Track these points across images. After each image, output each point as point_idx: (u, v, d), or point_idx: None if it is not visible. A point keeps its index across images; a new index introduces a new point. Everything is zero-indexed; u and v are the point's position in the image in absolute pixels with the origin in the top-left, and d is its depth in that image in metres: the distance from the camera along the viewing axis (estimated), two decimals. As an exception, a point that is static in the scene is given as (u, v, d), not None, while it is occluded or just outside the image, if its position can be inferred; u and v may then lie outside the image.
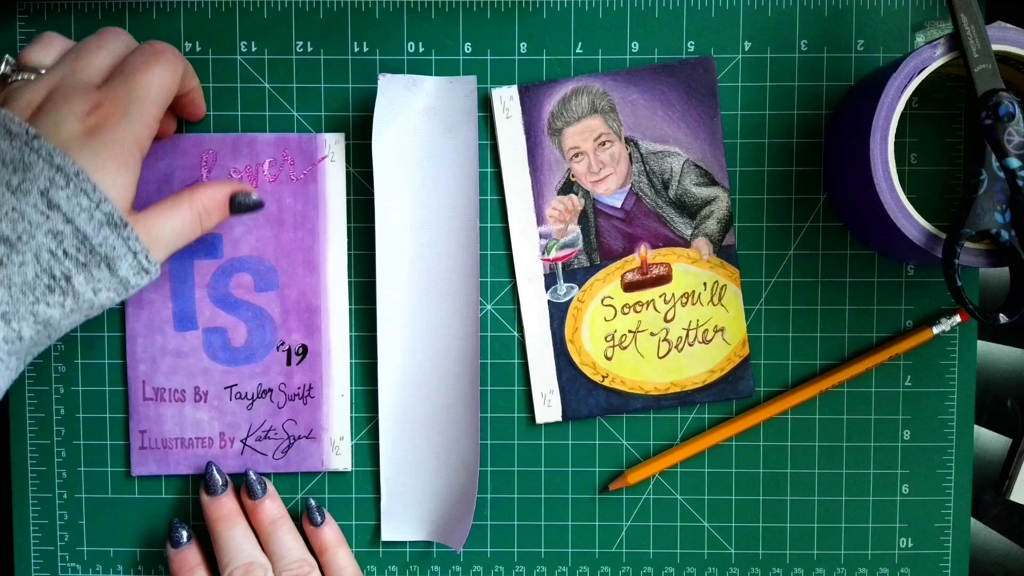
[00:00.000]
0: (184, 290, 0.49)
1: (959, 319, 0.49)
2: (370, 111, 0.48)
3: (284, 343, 0.49)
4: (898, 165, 0.43)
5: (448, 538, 0.50)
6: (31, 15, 0.49)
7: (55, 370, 0.50)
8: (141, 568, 0.51)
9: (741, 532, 0.51)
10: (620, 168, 0.49)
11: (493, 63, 0.49)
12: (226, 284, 0.49)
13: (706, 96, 0.49)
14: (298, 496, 0.50)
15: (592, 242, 0.50)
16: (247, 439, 0.50)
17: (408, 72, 0.49)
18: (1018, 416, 0.51)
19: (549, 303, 0.50)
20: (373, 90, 0.48)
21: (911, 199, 0.43)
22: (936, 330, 0.49)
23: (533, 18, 0.49)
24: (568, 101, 0.49)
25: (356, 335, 0.50)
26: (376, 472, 0.50)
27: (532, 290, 0.50)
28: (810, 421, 0.50)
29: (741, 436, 0.50)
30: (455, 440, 0.50)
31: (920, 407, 0.50)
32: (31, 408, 0.50)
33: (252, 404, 0.49)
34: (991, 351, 0.52)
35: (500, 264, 0.50)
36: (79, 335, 0.50)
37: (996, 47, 0.42)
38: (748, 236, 0.50)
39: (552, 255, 0.50)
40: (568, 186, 0.49)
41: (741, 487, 0.51)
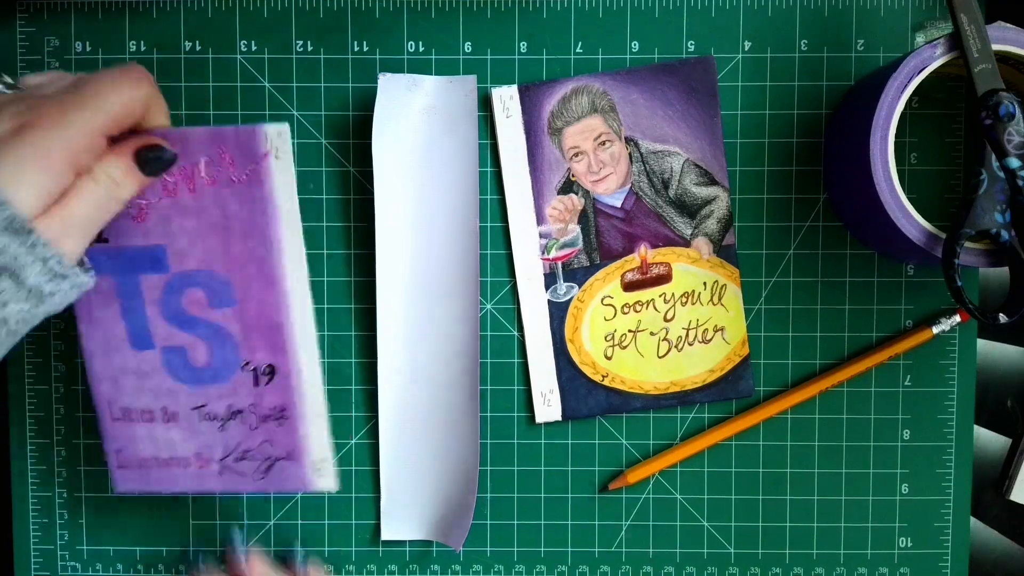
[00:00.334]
0: (134, 307, 0.46)
1: (959, 319, 0.49)
2: (370, 111, 0.48)
3: (248, 363, 0.46)
4: (898, 165, 0.43)
5: (448, 537, 0.50)
6: (31, 15, 0.49)
7: (55, 369, 0.50)
8: (141, 567, 0.51)
9: (741, 532, 0.51)
10: (620, 168, 0.49)
11: (493, 63, 0.49)
12: (177, 300, 0.45)
13: (706, 96, 0.49)
14: (298, 495, 0.50)
15: (592, 242, 0.50)
16: (224, 460, 0.47)
17: (408, 72, 0.49)
18: (1018, 416, 0.51)
19: (549, 303, 0.50)
20: (373, 90, 0.48)
21: (911, 199, 0.43)
22: (936, 330, 0.49)
23: (533, 18, 0.49)
24: (568, 101, 0.49)
25: (356, 335, 0.50)
26: (376, 472, 0.50)
27: (532, 290, 0.50)
28: (810, 421, 0.50)
29: (741, 436, 0.50)
30: (455, 439, 0.50)
31: (920, 407, 0.50)
32: (31, 408, 0.50)
33: (224, 425, 0.47)
34: (991, 351, 0.52)
35: (500, 264, 0.50)
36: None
37: (996, 47, 0.42)
38: (748, 236, 0.50)
39: (552, 255, 0.50)
40: (568, 186, 0.49)
41: (741, 487, 0.51)
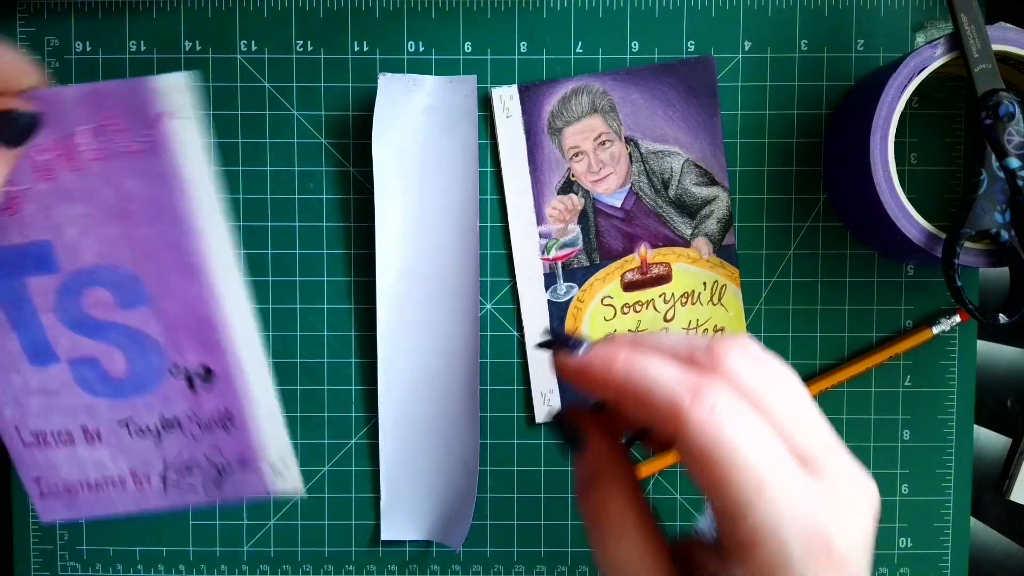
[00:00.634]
0: (24, 317, 0.39)
1: (959, 319, 0.49)
2: (370, 111, 0.48)
3: (178, 365, 0.40)
4: (898, 165, 0.43)
5: (447, 537, 0.50)
6: (31, 15, 0.49)
7: (55, 370, 0.50)
8: (141, 567, 0.51)
9: (741, 532, 0.51)
10: (620, 168, 0.49)
11: (493, 63, 0.49)
12: (77, 304, 0.39)
13: (706, 96, 0.49)
14: (297, 496, 0.50)
15: (592, 242, 0.50)
16: (165, 474, 0.42)
17: (408, 72, 0.49)
18: (1018, 416, 0.51)
19: (549, 303, 0.50)
20: (373, 90, 0.48)
21: (911, 199, 0.43)
22: (936, 330, 0.49)
23: (533, 18, 0.49)
24: (568, 100, 0.49)
25: (356, 335, 0.50)
26: (376, 472, 0.50)
27: (532, 290, 0.50)
28: (810, 421, 0.50)
29: (741, 436, 0.50)
30: (455, 439, 0.50)
31: (920, 407, 0.50)
32: (31, 408, 0.50)
33: (159, 437, 0.41)
34: (991, 351, 0.52)
35: (500, 264, 0.50)
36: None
37: (996, 47, 0.42)
38: (748, 236, 0.50)
39: (552, 255, 0.50)
40: (568, 186, 0.49)
41: (741, 487, 0.51)
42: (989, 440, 0.52)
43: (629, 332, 0.50)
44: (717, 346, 0.28)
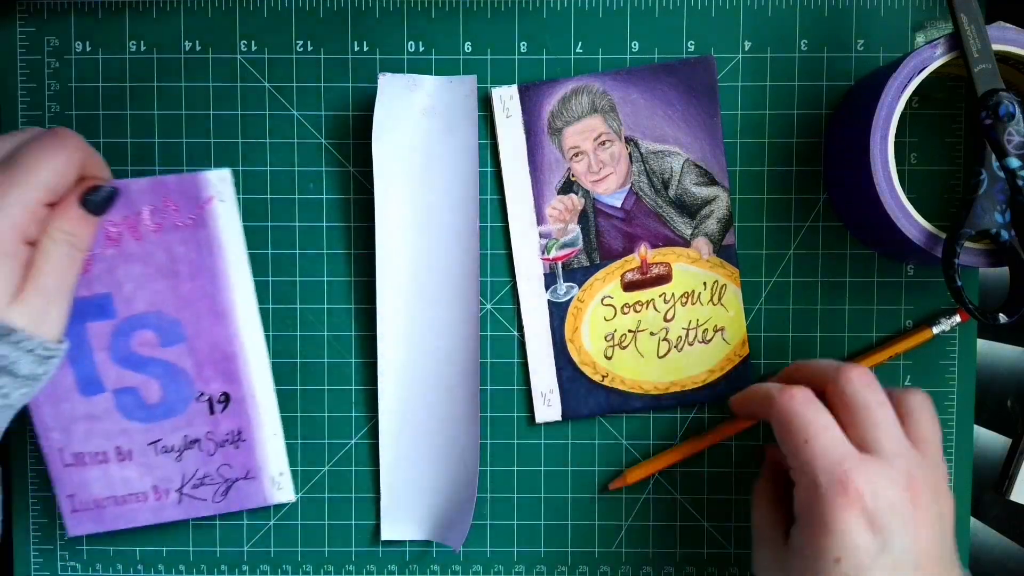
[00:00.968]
0: (82, 355, 0.47)
1: (959, 319, 0.49)
2: (370, 111, 0.48)
3: (203, 394, 0.48)
4: (898, 165, 0.43)
5: (447, 537, 0.50)
6: (31, 15, 0.49)
7: (55, 370, 0.50)
8: (141, 567, 0.51)
9: (741, 532, 0.51)
10: (620, 168, 0.49)
11: (493, 63, 0.49)
12: (126, 344, 0.47)
13: (706, 96, 0.49)
14: (297, 496, 0.50)
15: (592, 242, 0.50)
16: (182, 488, 0.48)
17: (408, 72, 0.49)
18: (1018, 416, 0.51)
19: (549, 303, 0.50)
20: (373, 90, 0.48)
21: (911, 199, 0.43)
22: (936, 330, 0.49)
23: (533, 18, 0.49)
24: (568, 100, 0.49)
25: (356, 335, 0.50)
26: (376, 472, 0.50)
27: (532, 290, 0.50)
28: (810, 421, 0.50)
29: (741, 436, 0.50)
30: (455, 440, 0.50)
31: (920, 407, 0.50)
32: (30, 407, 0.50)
33: (180, 455, 0.48)
34: (991, 351, 0.52)
35: (500, 264, 0.50)
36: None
37: (996, 47, 0.42)
38: (748, 236, 0.50)
39: (552, 255, 0.50)
40: (568, 186, 0.49)
41: (741, 487, 0.51)
42: (989, 440, 0.52)
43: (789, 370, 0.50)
44: (842, 367, 0.42)
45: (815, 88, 0.49)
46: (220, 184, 0.46)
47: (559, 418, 0.50)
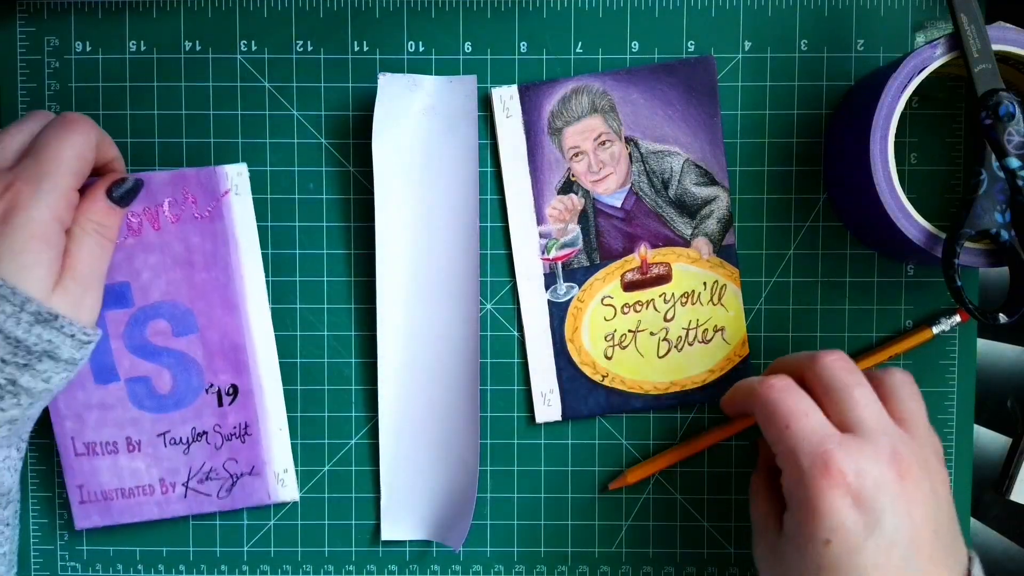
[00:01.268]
0: (99, 343, 0.47)
1: (959, 319, 0.49)
2: (370, 111, 0.48)
3: (213, 385, 0.48)
4: (898, 165, 0.43)
5: (447, 537, 0.50)
6: (31, 15, 0.49)
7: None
8: (141, 567, 0.51)
9: (741, 532, 0.51)
10: (620, 168, 0.49)
11: (493, 63, 0.49)
12: (142, 332, 0.48)
13: (706, 96, 0.49)
14: (299, 495, 0.50)
15: (592, 242, 0.50)
16: (188, 482, 0.49)
17: (408, 72, 0.49)
18: (1018, 416, 0.51)
19: (549, 303, 0.50)
20: (373, 90, 0.48)
21: (911, 199, 0.43)
22: (936, 330, 0.49)
23: (533, 18, 0.49)
24: (568, 100, 0.49)
25: (356, 335, 0.50)
26: (376, 472, 0.50)
27: (532, 290, 0.50)
28: (810, 421, 0.50)
29: (741, 436, 0.50)
30: (455, 440, 0.50)
31: (920, 407, 0.50)
32: (31, 408, 0.50)
33: (188, 448, 0.48)
34: (991, 351, 0.52)
35: (500, 264, 0.50)
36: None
37: (996, 47, 0.42)
38: (748, 236, 0.50)
39: (552, 255, 0.50)
40: (568, 186, 0.49)
41: (741, 487, 0.51)
42: (989, 440, 0.52)
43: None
44: (819, 353, 0.42)
45: (815, 88, 0.49)
46: (237, 178, 0.48)
47: (559, 418, 0.50)
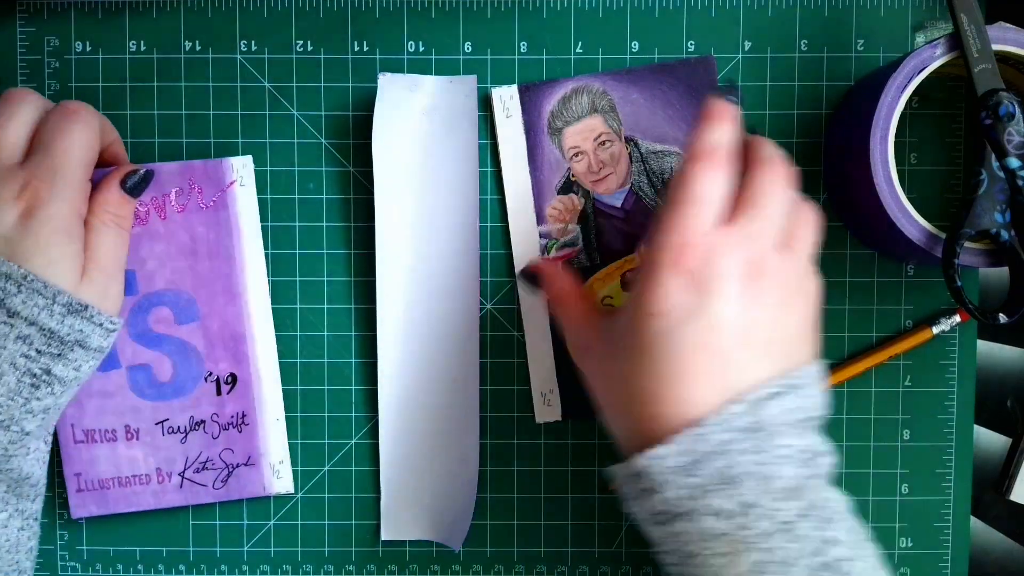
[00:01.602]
0: None
1: (959, 319, 0.49)
2: (370, 111, 0.48)
3: (212, 373, 0.49)
4: (898, 165, 0.43)
5: (447, 537, 0.50)
6: (31, 15, 0.49)
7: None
8: (141, 567, 0.51)
9: (741, 532, 0.51)
10: (620, 168, 0.49)
11: (493, 63, 0.49)
12: (144, 320, 0.48)
13: (706, 96, 0.49)
14: (297, 496, 0.50)
15: (592, 242, 0.50)
16: (184, 472, 0.49)
17: (408, 72, 0.49)
18: (1018, 416, 0.51)
19: (549, 303, 0.50)
20: (373, 90, 0.48)
21: (911, 199, 0.43)
22: (936, 330, 0.49)
23: (533, 18, 0.49)
24: (568, 101, 0.49)
25: (356, 335, 0.50)
26: (376, 472, 0.50)
27: (530, 290, 0.50)
28: (810, 421, 0.50)
29: (741, 436, 0.50)
30: (455, 440, 0.50)
31: (920, 407, 0.50)
32: (31, 408, 0.50)
33: (185, 437, 0.49)
34: (991, 351, 0.52)
35: (500, 264, 0.50)
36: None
37: (996, 47, 0.42)
38: (748, 236, 0.50)
39: (552, 255, 0.50)
40: (568, 186, 0.49)
41: (741, 487, 0.51)
42: (989, 440, 0.52)
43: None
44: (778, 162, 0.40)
45: (815, 88, 0.49)
46: (242, 169, 0.48)
47: (559, 418, 0.50)
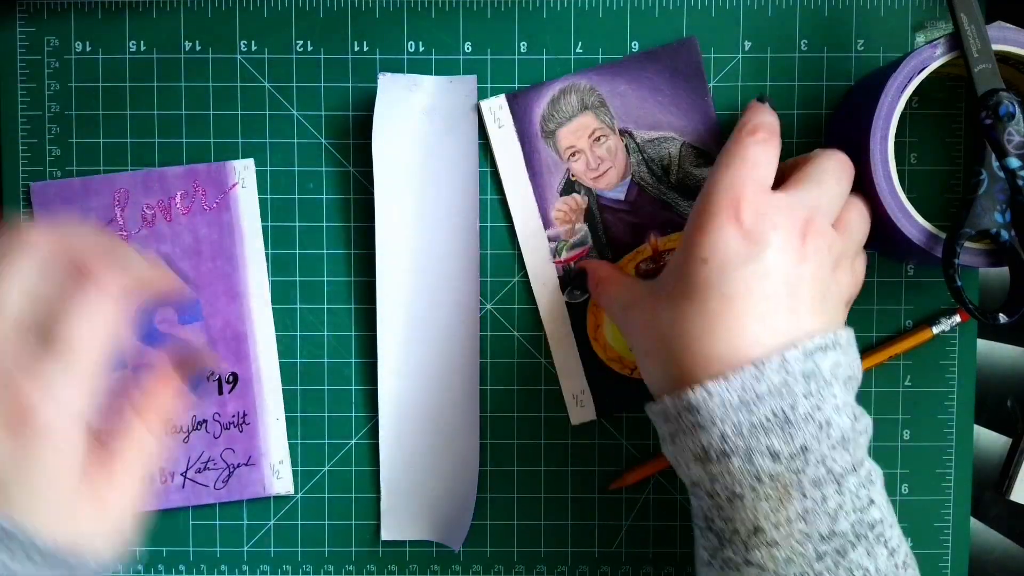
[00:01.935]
0: None
1: (959, 319, 0.49)
2: (370, 111, 0.48)
3: (214, 372, 0.49)
4: (898, 165, 0.43)
5: (447, 537, 0.50)
6: (31, 15, 0.49)
7: (55, 370, 0.50)
8: (141, 567, 0.51)
9: (741, 532, 0.51)
10: (618, 161, 0.49)
11: (493, 63, 0.49)
12: (150, 320, 0.49)
13: (693, 77, 0.49)
14: (297, 496, 0.50)
15: (601, 238, 0.49)
16: (187, 472, 0.49)
17: (408, 72, 0.49)
18: (1018, 416, 0.51)
19: (567, 305, 0.50)
20: (373, 90, 0.48)
21: (911, 199, 0.43)
22: (936, 330, 0.49)
23: (533, 18, 0.49)
24: (557, 102, 0.49)
25: (356, 335, 0.50)
26: (376, 472, 0.50)
27: (549, 294, 0.49)
28: (810, 421, 0.50)
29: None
30: (455, 440, 0.50)
31: (920, 407, 0.50)
32: (31, 408, 0.50)
33: (188, 437, 0.49)
34: (991, 351, 0.52)
35: (501, 264, 0.50)
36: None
37: (996, 47, 0.42)
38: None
39: (563, 256, 0.49)
40: (569, 186, 0.49)
41: (741, 487, 0.51)
42: (989, 440, 0.52)
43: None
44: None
45: (815, 88, 0.49)
46: (244, 172, 0.49)
47: (594, 417, 0.50)
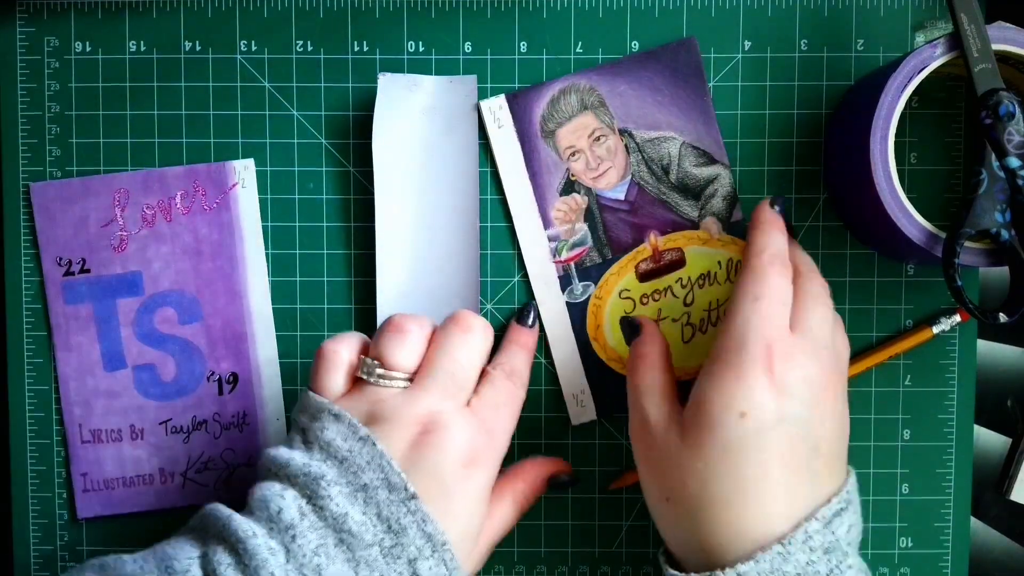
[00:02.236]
0: (110, 330, 0.49)
1: (959, 319, 0.49)
2: (370, 111, 0.48)
3: (214, 373, 0.49)
4: (898, 165, 0.43)
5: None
6: (31, 15, 0.49)
7: (55, 369, 0.50)
8: (140, 568, 0.50)
9: (741, 532, 0.51)
10: (618, 160, 0.49)
11: (493, 63, 0.49)
12: (150, 320, 0.49)
13: (692, 76, 0.49)
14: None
15: (601, 237, 0.49)
16: (187, 472, 0.50)
17: (408, 72, 0.49)
18: (1018, 416, 0.51)
19: (568, 304, 0.50)
20: (373, 90, 0.48)
21: (911, 199, 0.43)
22: (936, 330, 0.49)
23: (533, 18, 0.49)
24: (557, 102, 0.49)
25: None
26: (376, 472, 0.50)
27: (549, 294, 0.49)
28: (810, 421, 0.50)
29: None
30: (455, 440, 0.50)
31: (920, 407, 0.50)
32: (31, 408, 0.50)
33: (188, 437, 0.50)
34: (991, 351, 0.52)
35: (501, 264, 0.50)
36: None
37: (996, 47, 0.42)
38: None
39: (563, 256, 0.50)
40: (569, 186, 0.49)
41: (741, 487, 0.51)
42: (989, 440, 0.52)
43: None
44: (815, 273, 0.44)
45: (815, 88, 0.49)
46: (244, 172, 0.49)
47: (594, 417, 0.50)
